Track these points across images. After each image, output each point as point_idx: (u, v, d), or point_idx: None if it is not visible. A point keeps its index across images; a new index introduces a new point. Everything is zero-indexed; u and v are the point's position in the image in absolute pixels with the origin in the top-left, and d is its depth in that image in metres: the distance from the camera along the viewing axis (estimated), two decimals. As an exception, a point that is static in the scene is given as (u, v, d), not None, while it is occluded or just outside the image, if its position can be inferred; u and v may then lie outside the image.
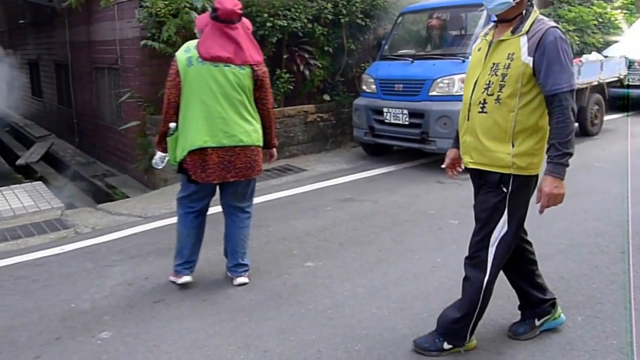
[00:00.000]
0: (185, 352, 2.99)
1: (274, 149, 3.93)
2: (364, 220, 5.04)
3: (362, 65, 8.46)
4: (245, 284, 3.76)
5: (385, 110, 6.97)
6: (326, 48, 8.18)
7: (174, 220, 5.04)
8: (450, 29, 7.48)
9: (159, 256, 4.36)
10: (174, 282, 3.77)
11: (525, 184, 2.67)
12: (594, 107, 8.49)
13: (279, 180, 6.65)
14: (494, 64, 2.63)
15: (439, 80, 6.53)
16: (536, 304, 2.97)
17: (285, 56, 7.81)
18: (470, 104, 2.72)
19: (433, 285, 3.66)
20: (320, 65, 8.05)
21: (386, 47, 7.60)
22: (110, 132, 9.25)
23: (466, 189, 5.97)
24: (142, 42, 6.97)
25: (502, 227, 2.68)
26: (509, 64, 2.57)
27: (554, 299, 3.01)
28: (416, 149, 6.93)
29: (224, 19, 3.45)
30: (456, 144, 2.93)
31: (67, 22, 10.56)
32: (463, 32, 7.32)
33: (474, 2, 7.14)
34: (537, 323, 2.97)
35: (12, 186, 6.97)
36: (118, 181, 8.46)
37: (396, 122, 6.88)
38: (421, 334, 3.00)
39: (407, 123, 6.78)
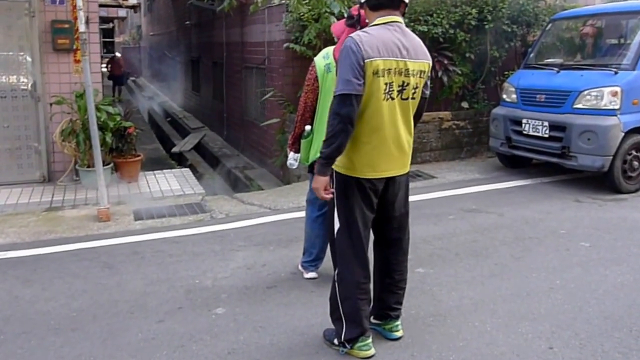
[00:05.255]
0: (286, 337, 3.17)
1: None
2: (486, 232, 4.88)
3: (506, 73, 8.14)
4: (353, 281, 3.85)
5: (524, 121, 6.66)
6: (468, 54, 7.99)
7: (299, 214, 5.35)
8: (605, 38, 6.93)
9: (279, 246, 4.62)
10: (302, 274, 4.01)
11: (344, 183, 2.79)
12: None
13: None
14: None
15: (585, 92, 6.10)
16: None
17: (423, 61, 7.78)
18: None
19: (545, 307, 3.47)
20: (459, 72, 7.89)
21: (532, 55, 7.24)
22: (253, 127, 9.84)
23: (607, 210, 5.59)
24: (285, 45, 7.36)
25: (336, 221, 2.86)
26: None
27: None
28: (555, 163, 6.54)
29: (360, 27, 3.56)
30: None
31: (225, 24, 11.36)
32: (621, 41, 6.73)
33: (634, 8, 6.57)
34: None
35: (165, 171, 7.77)
36: (256, 174, 9.01)
37: (535, 134, 6.54)
38: (521, 354, 2.88)
39: (547, 136, 6.42)
